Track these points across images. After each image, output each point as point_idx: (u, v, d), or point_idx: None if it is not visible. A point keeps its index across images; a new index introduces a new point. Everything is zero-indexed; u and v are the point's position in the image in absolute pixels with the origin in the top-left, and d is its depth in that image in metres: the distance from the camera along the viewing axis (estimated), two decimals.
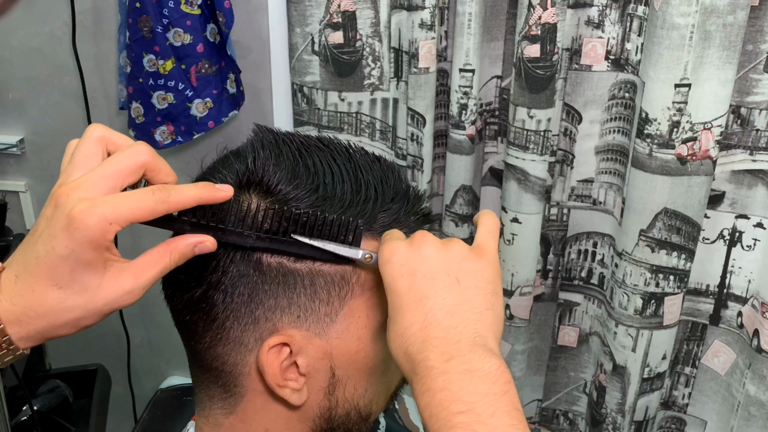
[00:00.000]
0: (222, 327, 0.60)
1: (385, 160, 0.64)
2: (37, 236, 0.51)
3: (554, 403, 1.67)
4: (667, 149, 1.26)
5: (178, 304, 0.62)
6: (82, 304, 0.51)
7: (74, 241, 0.49)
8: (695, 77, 1.21)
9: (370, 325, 0.62)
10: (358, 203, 0.60)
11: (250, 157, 0.59)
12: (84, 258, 0.49)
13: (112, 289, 0.51)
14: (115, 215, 0.50)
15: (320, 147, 0.62)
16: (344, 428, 0.65)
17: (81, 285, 0.50)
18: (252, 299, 0.59)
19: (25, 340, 0.51)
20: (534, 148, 1.33)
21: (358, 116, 1.43)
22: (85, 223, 0.49)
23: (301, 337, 0.59)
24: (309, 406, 0.63)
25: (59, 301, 0.50)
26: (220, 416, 0.65)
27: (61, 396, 1.49)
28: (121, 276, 0.52)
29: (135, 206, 0.51)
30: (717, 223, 1.38)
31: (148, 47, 1.41)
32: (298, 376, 0.60)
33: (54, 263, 0.49)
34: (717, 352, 1.47)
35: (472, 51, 1.32)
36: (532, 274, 1.44)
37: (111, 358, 1.76)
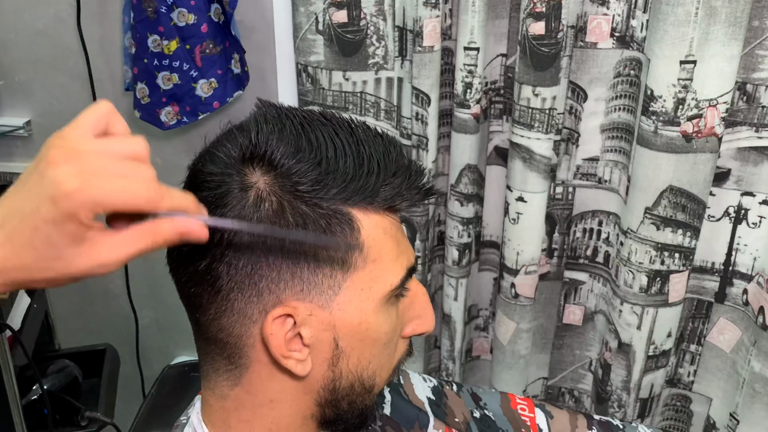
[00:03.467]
0: (226, 299, 0.60)
1: (387, 135, 0.65)
2: (26, 190, 0.51)
3: (560, 381, 1.67)
4: (673, 126, 1.25)
5: (183, 277, 0.62)
6: (55, 268, 0.51)
7: (58, 213, 0.49)
8: (700, 54, 1.20)
9: (373, 297, 0.63)
10: (360, 177, 0.60)
11: (254, 131, 0.59)
12: (64, 229, 0.49)
13: (86, 260, 0.51)
14: (103, 201, 0.49)
15: (323, 122, 0.62)
16: (348, 399, 0.66)
17: (56, 252, 0.50)
18: (255, 271, 0.59)
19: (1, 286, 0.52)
20: (539, 127, 1.33)
21: (362, 96, 1.43)
22: (73, 201, 0.48)
23: (305, 308, 0.60)
24: (313, 377, 0.64)
25: (34, 261, 0.50)
26: (225, 388, 0.66)
27: (70, 375, 1.51)
28: (98, 248, 0.51)
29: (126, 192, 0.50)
30: (722, 200, 1.37)
31: (152, 28, 1.41)
32: (302, 347, 0.61)
33: (35, 225, 0.49)
34: (722, 329, 1.48)
35: (476, 29, 1.31)
36: (537, 252, 1.45)
37: (120, 339, 1.78)
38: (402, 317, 0.68)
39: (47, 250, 0.50)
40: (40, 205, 0.49)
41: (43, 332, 1.58)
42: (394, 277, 0.63)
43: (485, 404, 0.95)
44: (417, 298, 0.69)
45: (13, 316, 1.34)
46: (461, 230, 1.49)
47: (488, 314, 1.67)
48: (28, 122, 1.65)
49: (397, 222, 0.65)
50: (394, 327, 0.66)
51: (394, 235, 0.64)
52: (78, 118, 0.54)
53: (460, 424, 0.91)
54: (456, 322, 1.57)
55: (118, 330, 1.84)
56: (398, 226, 0.65)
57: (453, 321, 1.57)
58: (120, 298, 1.82)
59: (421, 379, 0.93)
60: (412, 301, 0.69)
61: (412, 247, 0.68)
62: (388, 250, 0.63)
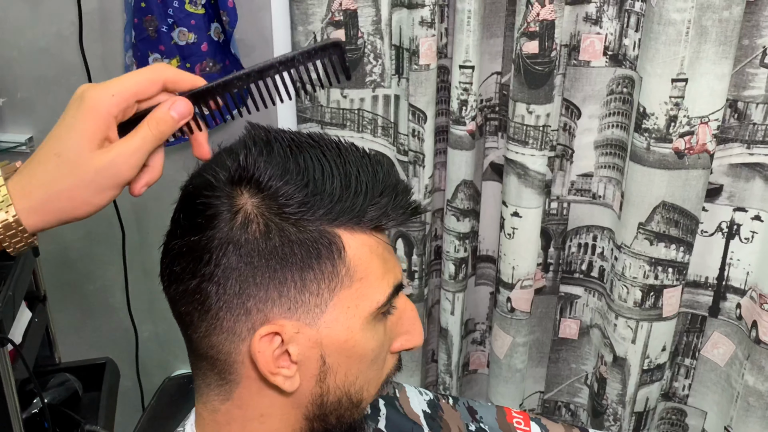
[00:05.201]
0: (216, 317, 0.62)
1: (375, 156, 0.66)
2: (57, 123, 0.60)
3: (556, 395, 1.69)
4: (665, 143, 1.27)
5: (175, 296, 0.64)
6: (75, 171, 0.58)
7: (80, 111, 0.58)
8: (692, 72, 1.22)
9: (359, 315, 0.64)
10: (347, 198, 0.62)
11: (242, 154, 0.61)
12: (85, 127, 0.57)
13: (102, 159, 0.58)
14: (118, 88, 0.59)
15: (311, 143, 0.63)
16: (336, 414, 0.67)
17: (76, 153, 0.57)
18: (243, 291, 0.61)
19: (29, 213, 0.58)
20: (533, 143, 1.35)
21: (360, 113, 1.45)
22: (91, 96, 0.58)
23: (292, 326, 0.62)
24: (301, 393, 0.65)
25: (56, 167, 0.57)
26: (217, 402, 0.67)
27: (70, 389, 1.52)
28: (112, 149, 0.59)
29: (135, 79, 0.60)
30: (715, 215, 1.39)
31: (153, 46, 1.44)
32: (290, 363, 0.63)
33: (59, 134, 0.58)
34: (716, 343, 1.49)
35: (471, 48, 1.34)
36: (532, 267, 1.46)
37: (120, 353, 1.79)
38: (390, 333, 0.69)
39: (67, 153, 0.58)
40: (65, 117, 0.59)
41: (44, 346, 1.59)
42: (381, 295, 0.65)
43: (481, 417, 0.96)
44: (405, 314, 0.70)
45: (14, 330, 1.36)
46: (457, 245, 1.50)
47: (485, 328, 1.69)
48: (30, 138, 1.67)
49: (385, 240, 0.67)
50: (381, 343, 0.67)
51: (380, 254, 0.65)
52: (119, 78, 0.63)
53: None
54: (453, 336, 1.59)
55: (118, 344, 1.85)
56: (385, 244, 0.66)
57: (450, 335, 1.59)
58: (120, 312, 1.83)
59: (417, 393, 0.94)
60: (400, 317, 0.70)
61: (400, 264, 0.69)
62: (374, 269, 0.64)
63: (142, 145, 0.59)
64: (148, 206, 1.70)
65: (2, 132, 1.66)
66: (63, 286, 1.80)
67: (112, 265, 1.78)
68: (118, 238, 1.73)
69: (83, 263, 1.81)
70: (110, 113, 0.58)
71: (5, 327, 1.28)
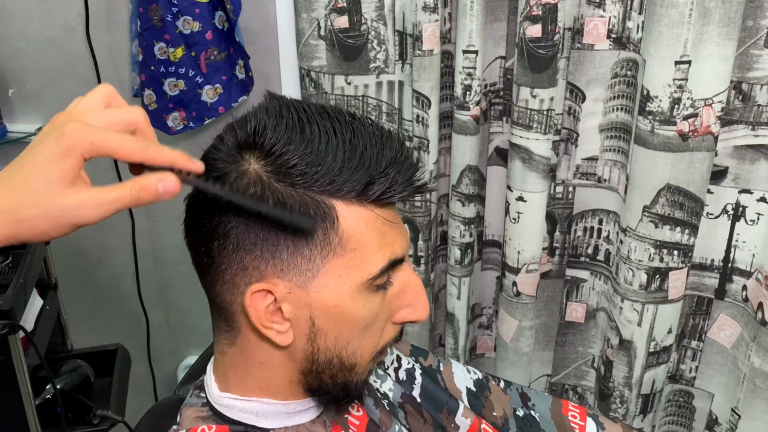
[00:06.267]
0: (218, 269, 0.67)
1: (387, 131, 0.68)
2: (28, 149, 0.59)
3: (563, 378, 1.69)
4: (669, 126, 1.27)
5: (190, 247, 0.70)
6: (43, 203, 0.57)
7: (58, 147, 0.56)
8: (695, 54, 1.22)
9: (350, 284, 0.67)
10: (348, 171, 0.64)
11: (253, 122, 0.65)
12: (61, 164, 0.57)
13: (71, 199, 0.58)
14: (99, 140, 0.57)
15: (323, 116, 0.66)
16: (329, 373, 0.71)
17: (47, 187, 0.57)
18: (240, 248, 0.65)
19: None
20: (537, 128, 1.35)
21: (364, 99, 1.46)
22: (72, 135, 0.56)
23: (284, 286, 0.66)
24: (295, 349, 0.70)
25: (26, 196, 0.57)
26: (225, 346, 0.73)
27: (82, 375, 1.54)
28: (83, 191, 0.58)
29: (117, 141, 0.58)
30: (720, 198, 1.39)
31: (158, 35, 1.45)
32: (282, 320, 0.68)
33: (35, 164, 0.57)
34: (723, 325, 1.49)
35: (475, 32, 1.34)
36: (538, 251, 1.47)
37: (131, 339, 1.81)
38: (390, 305, 0.72)
39: (40, 185, 0.57)
40: (42, 147, 0.57)
41: (56, 333, 1.62)
42: (373, 267, 0.67)
43: (533, 405, 0.98)
44: (409, 288, 0.72)
45: (26, 317, 1.38)
46: (463, 230, 1.51)
47: (491, 312, 1.69)
48: (40, 128, 1.68)
49: (387, 214, 0.68)
50: (374, 313, 0.70)
51: (378, 227, 0.67)
52: (86, 97, 0.62)
53: (497, 418, 0.94)
54: (459, 320, 1.60)
55: (130, 331, 1.88)
56: (386, 217, 0.68)
57: (456, 319, 1.60)
58: (131, 300, 1.85)
59: (465, 370, 0.98)
60: (403, 290, 0.72)
61: (405, 239, 0.71)
62: (369, 241, 0.67)
63: (115, 200, 0.59)
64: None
65: (12, 122, 1.68)
66: (75, 274, 1.82)
67: (122, 253, 1.81)
68: (128, 227, 1.75)
69: (94, 252, 1.84)
70: (83, 155, 0.57)
71: (17, 314, 1.30)
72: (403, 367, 0.92)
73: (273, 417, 0.74)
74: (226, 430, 0.72)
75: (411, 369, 0.93)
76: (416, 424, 0.87)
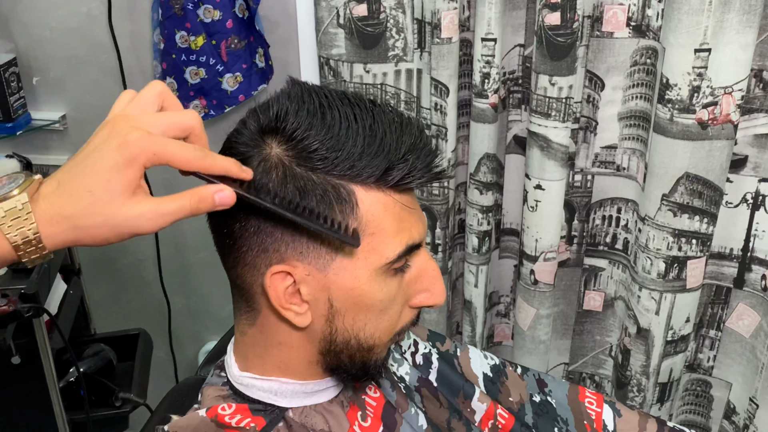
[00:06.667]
0: (239, 251, 0.69)
1: (407, 118, 0.70)
2: (88, 151, 0.59)
3: (581, 366, 1.70)
4: (688, 114, 1.27)
5: (213, 228, 0.72)
6: (105, 212, 0.58)
7: (121, 158, 0.57)
8: (715, 42, 1.21)
9: (368, 267, 0.68)
10: (368, 157, 0.65)
11: (275, 107, 0.67)
12: (123, 174, 0.57)
13: (133, 209, 0.59)
14: (161, 150, 0.59)
15: (344, 102, 0.68)
16: (347, 353, 0.73)
17: (110, 196, 0.58)
18: (261, 231, 0.67)
19: (51, 238, 0.59)
20: (556, 116, 1.35)
21: (383, 87, 1.46)
22: (136, 146, 0.57)
23: (303, 269, 0.68)
24: (314, 330, 0.72)
25: (89, 204, 0.58)
26: (245, 326, 0.75)
27: (105, 359, 1.57)
28: (144, 201, 0.59)
29: (177, 151, 0.59)
30: (740, 186, 1.38)
31: (179, 24, 1.47)
32: (301, 302, 0.69)
33: (98, 172, 0.58)
34: (741, 315, 1.49)
35: (493, 20, 1.34)
36: (555, 240, 1.47)
37: (153, 324, 1.84)
38: (407, 289, 0.73)
39: (103, 195, 0.58)
40: (104, 155, 0.58)
41: (79, 317, 1.65)
42: (391, 252, 0.69)
43: (550, 391, 0.99)
44: (426, 273, 0.74)
45: (50, 301, 1.41)
46: (481, 218, 1.51)
47: (509, 301, 1.70)
48: (63, 116, 1.71)
49: (405, 199, 0.70)
50: (391, 296, 0.71)
51: (396, 213, 0.68)
52: (139, 96, 0.63)
53: (513, 404, 0.95)
54: (477, 308, 1.60)
55: (151, 316, 1.90)
56: (404, 203, 0.69)
57: (474, 307, 1.60)
58: (153, 285, 1.88)
59: (482, 356, 0.99)
60: (420, 275, 0.73)
61: (422, 225, 0.73)
62: (387, 226, 0.68)
63: (176, 211, 0.60)
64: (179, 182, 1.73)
65: (36, 110, 1.70)
66: (98, 260, 1.85)
67: (144, 240, 1.83)
68: None
69: None
70: (144, 164, 0.58)
71: (41, 298, 1.32)
72: (420, 352, 0.94)
73: (291, 396, 0.75)
74: (245, 408, 0.74)
75: (428, 353, 0.94)
76: (432, 407, 0.88)
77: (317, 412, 0.76)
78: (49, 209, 0.58)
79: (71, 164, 0.59)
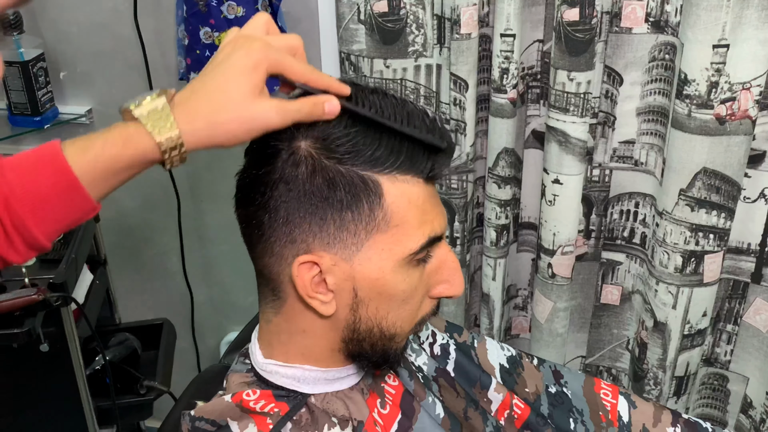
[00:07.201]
0: (267, 241, 0.72)
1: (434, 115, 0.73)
2: (214, 65, 0.67)
3: (597, 360, 1.71)
4: (706, 109, 1.27)
5: (240, 219, 0.75)
6: (238, 109, 0.66)
7: (249, 61, 0.66)
8: (733, 37, 1.22)
9: (392, 258, 0.71)
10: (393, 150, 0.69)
11: None
12: (251, 77, 0.66)
13: (261, 105, 0.67)
14: (281, 60, 0.68)
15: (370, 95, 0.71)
16: (369, 342, 0.75)
17: (241, 95, 0.66)
18: (290, 222, 0.70)
19: (190, 135, 0.66)
20: (574, 111, 1.36)
21: (402, 82, 1.48)
22: (260, 52, 0.67)
23: (330, 259, 0.70)
24: (337, 318, 0.74)
25: (222, 103, 0.66)
26: (270, 314, 0.78)
27: (130, 348, 1.61)
28: (271, 100, 0.67)
29: (292, 62, 0.68)
30: (758, 182, 1.39)
31: (204, 20, 1.49)
32: (326, 291, 0.72)
33: (229, 75, 0.66)
34: (759, 309, 1.49)
35: (513, 16, 1.35)
36: (573, 233, 1.48)
37: (176, 315, 1.87)
38: (428, 279, 0.76)
39: (235, 93, 0.66)
40: (234, 61, 0.66)
41: (105, 307, 1.68)
42: (414, 243, 0.71)
43: (566, 382, 1.00)
44: (446, 264, 0.76)
45: (77, 291, 1.44)
46: (499, 212, 1.53)
47: (527, 294, 1.72)
48: (90, 110, 1.74)
49: (428, 190, 0.73)
50: (413, 287, 0.74)
51: (420, 205, 0.71)
52: (248, 24, 0.72)
53: (529, 394, 0.97)
54: (495, 301, 1.62)
55: (175, 306, 1.94)
56: (427, 195, 0.72)
57: (492, 300, 1.62)
58: (176, 276, 1.91)
59: (498, 347, 1.01)
60: (440, 267, 0.76)
61: (443, 217, 0.75)
62: (411, 218, 0.71)
63: (296, 110, 0.67)
64: (202, 175, 1.76)
65: (63, 104, 1.74)
66: (123, 251, 1.89)
67: (168, 231, 1.86)
68: (173, 206, 1.80)
69: (141, 230, 1.90)
70: (267, 70, 0.67)
71: (69, 287, 1.36)
72: (438, 343, 0.96)
73: (313, 383, 0.78)
74: (269, 394, 0.76)
75: (446, 344, 0.96)
76: (449, 397, 0.91)
77: (338, 399, 0.78)
78: (186, 110, 0.65)
79: (199, 78, 0.67)
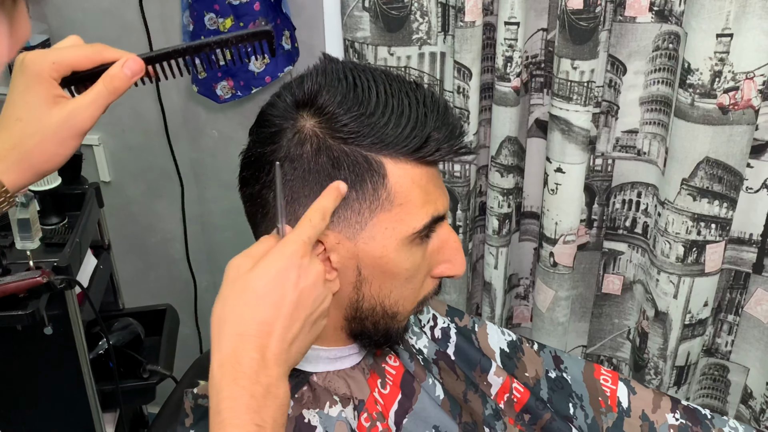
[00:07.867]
0: (272, 220, 0.72)
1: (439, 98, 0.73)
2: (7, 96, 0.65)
3: (599, 349, 1.72)
4: (709, 99, 1.28)
5: (244, 197, 0.76)
6: (38, 128, 0.64)
7: (25, 77, 0.64)
8: (737, 27, 1.22)
9: (395, 237, 0.72)
10: (397, 131, 0.69)
11: (309, 81, 0.71)
12: (36, 91, 0.64)
13: (61, 113, 0.65)
14: (59, 58, 0.65)
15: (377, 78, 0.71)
16: (371, 320, 0.76)
17: (36, 114, 0.64)
18: (295, 200, 0.70)
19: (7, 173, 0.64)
20: (577, 99, 1.37)
21: (406, 70, 1.48)
22: (34, 63, 0.64)
23: (334, 237, 0.71)
24: (341, 296, 0.74)
25: (21, 129, 0.64)
26: None
27: (133, 332, 1.62)
28: (68, 103, 0.65)
29: (75, 52, 0.66)
30: (760, 172, 1.39)
31: (208, 6, 1.50)
32: (331, 269, 0.72)
33: (14, 101, 0.64)
34: (760, 300, 1.50)
35: (517, 4, 1.35)
36: (575, 222, 1.49)
37: (179, 301, 1.88)
38: (430, 259, 0.77)
39: (29, 117, 0.64)
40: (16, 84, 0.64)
41: (108, 293, 1.69)
42: (417, 222, 0.72)
43: (566, 368, 1.01)
44: (447, 245, 0.77)
45: (81, 275, 1.45)
46: (501, 201, 1.53)
47: (528, 283, 1.72)
48: None
49: (431, 172, 0.73)
50: (416, 265, 0.75)
51: (423, 185, 0.72)
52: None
53: (529, 379, 0.98)
54: (496, 290, 1.63)
55: (178, 293, 1.95)
56: (430, 176, 0.73)
57: (493, 289, 1.63)
58: (180, 263, 1.92)
59: (499, 332, 1.02)
60: (442, 246, 0.77)
61: (446, 197, 0.76)
62: (414, 198, 0.71)
63: (96, 98, 0.66)
64: (206, 162, 1.77)
65: None
66: (127, 238, 1.90)
67: (172, 219, 1.87)
68: (177, 193, 1.81)
69: (145, 217, 1.91)
70: (51, 76, 0.64)
71: (73, 271, 1.37)
72: (439, 326, 0.96)
73: (315, 361, 0.78)
74: None
75: (446, 328, 0.97)
76: (449, 379, 0.91)
77: (340, 377, 0.79)
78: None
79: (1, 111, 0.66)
